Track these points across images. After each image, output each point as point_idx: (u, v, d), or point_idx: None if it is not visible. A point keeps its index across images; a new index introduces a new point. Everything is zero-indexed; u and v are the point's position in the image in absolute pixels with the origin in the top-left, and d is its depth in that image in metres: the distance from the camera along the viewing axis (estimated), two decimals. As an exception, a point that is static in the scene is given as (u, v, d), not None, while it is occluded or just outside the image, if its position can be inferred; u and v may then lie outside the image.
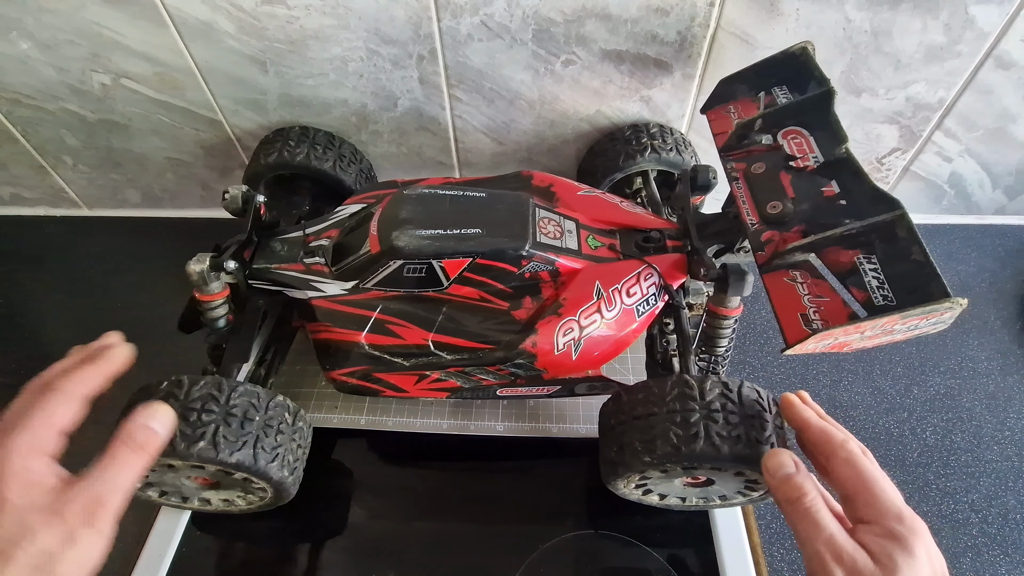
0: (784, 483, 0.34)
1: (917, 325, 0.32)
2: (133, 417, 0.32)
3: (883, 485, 0.32)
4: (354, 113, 0.62)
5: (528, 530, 0.47)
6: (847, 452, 0.33)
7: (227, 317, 0.47)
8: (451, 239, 0.43)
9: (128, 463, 0.31)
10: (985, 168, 0.65)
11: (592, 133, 0.63)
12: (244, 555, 0.48)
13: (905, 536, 0.30)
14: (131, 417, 0.32)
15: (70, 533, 0.28)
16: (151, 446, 0.32)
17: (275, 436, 0.39)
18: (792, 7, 0.51)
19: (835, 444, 0.34)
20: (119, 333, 0.36)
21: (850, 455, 0.33)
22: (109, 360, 0.34)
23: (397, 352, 0.44)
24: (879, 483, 0.32)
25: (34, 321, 0.66)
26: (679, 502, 0.46)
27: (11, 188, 0.75)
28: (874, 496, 0.32)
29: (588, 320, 0.43)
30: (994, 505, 0.50)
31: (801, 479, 0.33)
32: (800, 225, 0.37)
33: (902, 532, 0.30)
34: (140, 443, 0.32)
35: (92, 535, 0.29)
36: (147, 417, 0.32)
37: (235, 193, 0.48)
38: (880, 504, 0.31)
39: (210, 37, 0.55)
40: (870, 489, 0.32)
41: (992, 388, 0.57)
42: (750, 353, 0.60)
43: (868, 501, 0.32)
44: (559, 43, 0.54)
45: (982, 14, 0.51)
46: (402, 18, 0.53)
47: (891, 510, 0.31)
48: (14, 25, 0.55)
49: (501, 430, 0.52)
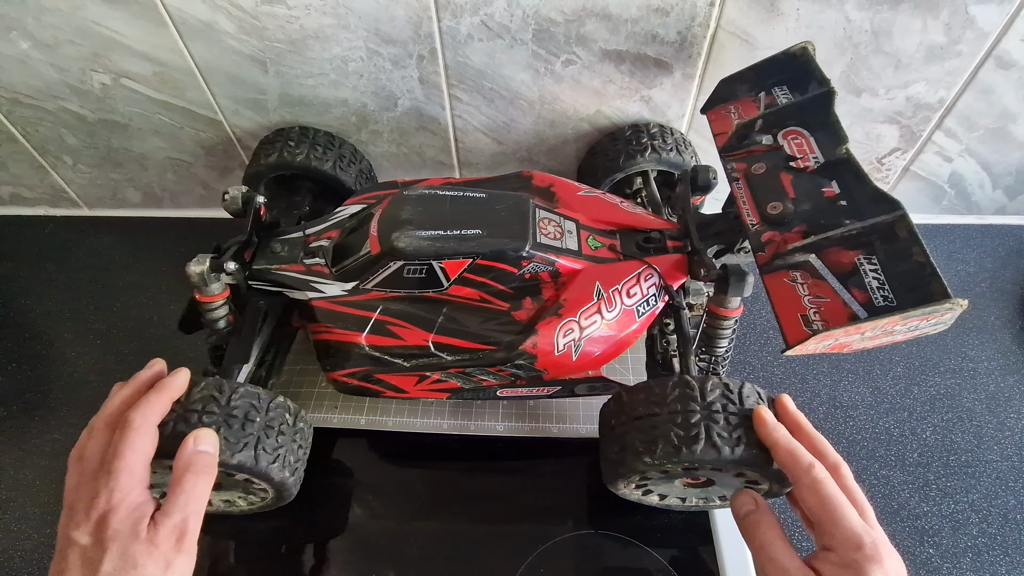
0: (744, 519, 0.37)
1: (917, 326, 0.32)
2: (186, 445, 0.35)
3: (844, 512, 0.32)
4: (354, 113, 0.62)
5: (528, 530, 0.47)
6: (811, 479, 0.33)
7: (227, 318, 0.47)
8: (451, 240, 0.43)
9: (197, 488, 0.34)
10: (985, 168, 0.65)
11: (592, 133, 0.63)
12: (244, 555, 0.48)
13: (861, 564, 0.31)
14: (183, 447, 0.35)
15: (166, 559, 0.32)
16: (210, 467, 0.35)
17: (276, 437, 0.39)
18: (792, 7, 0.51)
19: (800, 470, 0.34)
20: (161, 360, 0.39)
21: (814, 481, 0.33)
22: (172, 388, 0.37)
23: (397, 353, 0.44)
24: (840, 510, 0.32)
25: (34, 321, 0.66)
26: (679, 502, 0.46)
27: (11, 188, 0.74)
28: (833, 524, 0.32)
29: (588, 321, 0.43)
30: (994, 505, 0.50)
31: (758, 516, 0.36)
32: (800, 226, 0.37)
33: (858, 560, 0.31)
34: (201, 468, 0.35)
35: (183, 558, 0.33)
36: (198, 443, 0.35)
37: (235, 194, 0.48)
38: (839, 532, 0.32)
39: (210, 37, 0.55)
40: (831, 517, 0.32)
41: (992, 388, 0.57)
42: (750, 353, 0.60)
43: (828, 529, 0.32)
44: (559, 43, 0.54)
45: (982, 14, 0.51)
46: (402, 18, 0.53)
47: (850, 539, 0.31)
48: (14, 25, 0.55)
49: (501, 430, 0.52)
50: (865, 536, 0.31)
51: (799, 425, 0.37)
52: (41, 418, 0.57)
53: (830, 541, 0.32)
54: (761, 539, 0.35)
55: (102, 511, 0.32)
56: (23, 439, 0.56)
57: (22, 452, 0.55)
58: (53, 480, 0.53)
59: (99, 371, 0.60)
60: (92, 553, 0.31)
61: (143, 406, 0.35)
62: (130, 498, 0.32)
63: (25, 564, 0.48)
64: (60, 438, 0.56)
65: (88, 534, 0.31)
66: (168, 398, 0.36)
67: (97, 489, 0.32)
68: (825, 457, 0.35)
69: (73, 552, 0.31)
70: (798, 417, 0.38)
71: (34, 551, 0.49)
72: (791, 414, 0.38)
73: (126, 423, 0.34)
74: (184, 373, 0.38)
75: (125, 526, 0.31)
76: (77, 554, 0.31)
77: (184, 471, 0.34)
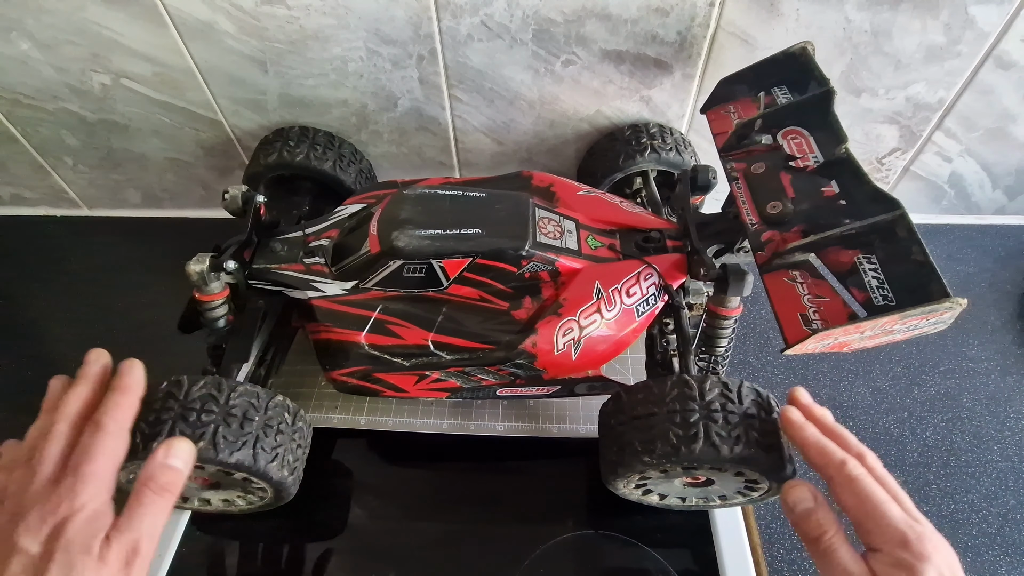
0: (804, 520, 0.34)
1: (917, 325, 0.32)
2: (153, 458, 0.33)
3: (884, 509, 0.31)
4: (354, 113, 0.62)
5: (528, 530, 0.47)
6: (844, 476, 0.32)
7: (227, 317, 0.47)
8: (451, 239, 0.43)
9: (155, 507, 0.32)
10: (985, 168, 0.65)
11: (592, 133, 0.63)
12: (244, 555, 0.48)
13: (912, 563, 0.29)
14: (152, 458, 0.33)
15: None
16: (174, 485, 0.33)
17: (275, 436, 0.39)
18: (792, 7, 0.51)
19: (833, 468, 0.33)
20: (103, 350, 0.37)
21: (848, 479, 0.32)
22: (136, 387, 0.35)
23: (397, 352, 0.44)
24: (880, 507, 0.31)
25: (34, 321, 0.66)
26: (679, 502, 0.46)
27: (11, 188, 0.75)
28: (876, 522, 0.31)
29: (588, 320, 0.43)
30: (994, 505, 0.50)
31: (821, 516, 0.33)
32: (800, 225, 0.37)
33: (908, 560, 0.30)
34: (163, 485, 0.32)
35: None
36: (166, 456, 0.33)
37: (235, 193, 0.48)
38: (882, 531, 0.31)
39: (210, 37, 0.55)
40: (872, 515, 0.31)
41: (992, 388, 0.57)
42: (750, 353, 0.60)
43: (871, 528, 0.31)
44: (559, 43, 0.54)
45: (982, 14, 0.51)
46: (402, 18, 0.53)
47: (894, 536, 0.30)
48: (14, 25, 0.55)
49: (501, 430, 0.52)
50: (909, 532, 0.30)
51: (816, 418, 0.36)
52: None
53: (875, 540, 0.31)
54: (827, 544, 0.32)
55: (60, 517, 0.30)
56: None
57: (22, 452, 0.55)
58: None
59: (99, 371, 0.60)
60: (39, 563, 0.29)
61: (114, 409, 0.33)
62: (91, 505, 0.30)
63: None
64: (60, 438, 0.56)
65: (40, 542, 0.29)
66: (135, 398, 0.35)
67: (59, 494, 0.30)
68: (849, 448, 0.34)
69: (17, 561, 0.29)
70: (814, 410, 0.37)
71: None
72: (806, 407, 0.37)
73: (98, 426, 0.32)
74: (139, 367, 0.36)
75: (79, 537, 0.29)
76: (22, 563, 0.29)
77: (143, 485, 0.32)
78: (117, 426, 0.33)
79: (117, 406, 0.34)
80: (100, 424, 0.32)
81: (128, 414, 0.34)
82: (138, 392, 0.35)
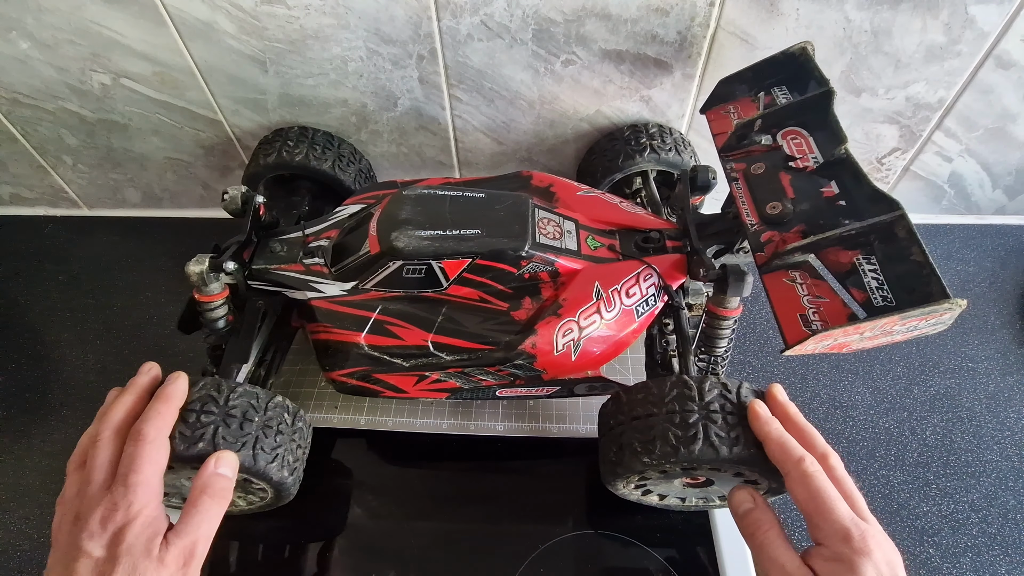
0: (743, 518, 0.36)
1: (917, 326, 0.32)
2: (206, 468, 0.35)
3: (832, 505, 0.32)
4: (354, 113, 0.62)
5: (528, 530, 0.47)
6: (799, 472, 0.33)
7: (227, 318, 0.47)
8: (450, 240, 0.43)
9: (211, 512, 0.34)
10: (985, 168, 0.65)
11: (592, 133, 0.63)
12: (244, 555, 0.48)
13: (850, 558, 0.30)
14: (204, 468, 0.35)
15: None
16: (227, 491, 0.35)
17: (274, 437, 0.39)
18: (792, 7, 0.51)
19: (790, 463, 0.34)
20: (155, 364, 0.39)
21: (803, 475, 0.33)
22: (177, 396, 0.37)
23: (397, 353, 0.44)
24: (828, 503, 0.32)
25: (34, 321, 0.66)
26: (679, 502, 0.46)
27: (11, 188, 0.75)
28: (822, 517, 0.32)
29: (587, 321, 0.43)
30: (994, 505, 0.50)
31: (757, 514, 0.36)
32: (800, 225, 0.37)
33: (847, 554, 0.31)
34: (217, 491, 0.35)
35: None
36: (218, 465, 0.36)
37: (234, 193, 0.48)
38: (827, 525, 0.32)
39: (210, 37, 0.55)
40: (820, 511, 0.32)
41: (992, 388, 0.57)
42: (750, 353, 0.60)
43: (817, 523, 0.32)
44: (559, 43, 0.54)
45: (982, 14, 0.51)
46: (402, 18, 0.53)
47: (838, 532, 0.31)
48: (14, 25, 0.55)
49: (501, 430, 0.52)
50: (853, 528, 0.31)
51: (787, 416, 0.37)
52: (41, 418, 0.57)
53: (819, 535, 0.32)
54: (761, 538, 0.34)
55: (120, 524, 0.31)
56: (23, 439, 0.56)
57: (22, 452, 0.55)
58: (53, 480, 0.53)
59: (99, 371, 0.61)
60: (104, 567, 0.31)
61: (155, 418, 0.35)
62: (146, 511, 0.32)
63: (25, 564, 0.48)
64: (60, 438, 0.56)
65: (103, 547, 0.31)
66: (175, 407, 0.36)
67: (115, 501, 0.32)
68: (814, 448, 0.35)
69: (84, 563, 0.31)
70: (787, 408, 0.37)
71: (34, 551, 0.49)
72: (780, 404, 0.37)
73: (139, 435, 0.34)
74: (183, 378, 0.38)
75: (140, 541, 0.31)
76: (89, 566, 0.31)
77: (201, 492, 0.34)
78: (157, 433, 0.34)
79: (158, 415, 0.35)
80: (141, 433, 0.34)
81: (167, 422, 0.35)
82: (179, 401, 0.37)
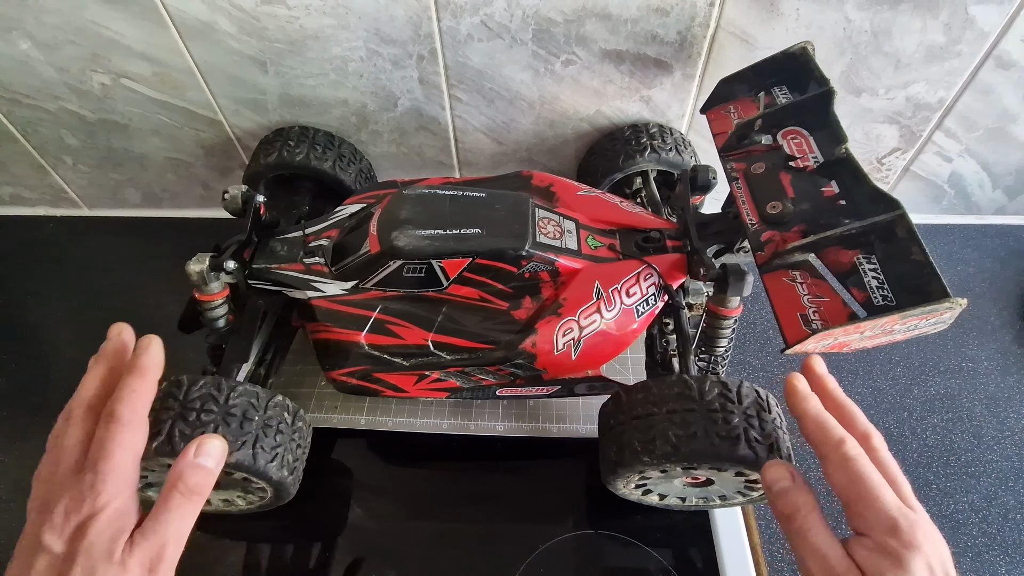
0: (780, 498, 0.32)
1: (917, 325, 0.32)
2: (184, 456, 0.32)
3: (877, 492, 0.30)
4: (354, 113, 0.62)
5: (528, 530, 0.47)
6: (840, 455, 0.31)
7: (227, 317, 0.47)
8: (451, 239, 0.43)
9: (183, 511, 0.31)
10: (985, 168, 0.65)
11: (592, 133, 0.63)
12: (244, 555, 0.48)
13: (898, 552, 0.28)
14: (182, 456, 0.32)
15: None
16: (204, 487, 0.32)
17: (274, 436, 0.39)
18: (792, 7, 0.51)
19: (829, 445, 0.31)
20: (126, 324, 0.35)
21: (843, 459, 0.31)
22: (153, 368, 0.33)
23: (397, 352, 0.44)
24: (872, 490, 0.30)
25: (33, 321, 0.66)
26: (679, 502, 0.46)
27: (11, 188, 0.74)
28: (866, 506, 0.29)
29: (588, 320, 0.43)
30: (994, 505, 0.50)
31: (796, 495, 0.32)
32: (800, 225, 0.37)
33: (895, 547, 0.28)
34: (192, 487, 0.31)
35: None
36: (199, 453, 0.32)
37: (235, 193, 0.48)
38: (872, 515, 0.29)
39: (210, 37, 0.55)
40: (863, 498, 0.30)
41: (992, 388, 0.57)
42: (750, 353, 0.60)
43: (860, 512, 0.30)
44: (559, 43, 0.54)
45: (982, 14, 0.51)
46: (402, 18, 0.53)
47: (883, 522, 0.29)
48: (14, 25, 0.55)
49: (501, 430, 0.52)
50: (901, 519, 0.28)
51: (825, 391, 0.34)
52: (41, 418, 0.57)
53: (862, 524, 0.29)
54: (800, 523, 0.31)
55: (84, 516, 0.29)
56: (23, 439, 0.56)
57: (22, 452, 0.55)
58: (53, 480, 0.53)
59: (99, 371, 0.60)
60: (62, 566, 0.28)
61: (128, 396, 0.31)
62: (114, 504, 0.29)
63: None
64: (60, 438, 0.56)
65: (64, 542, 0.29)
66: (152, 380, 0.33)
67: (81, 490, 0.29)
68: (854, 427, 0.32)
69: (42, 559, 0.29)
70: (825, 382, 0.35)
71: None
72: (818, 377, 0.35)
73: (112, 416, 0.30)
74: (156, 344, 0.34)
75: (102, 540, 0.29)
76: (46, 562, 0.28)
77: (173, 487, 0.31)
78: (133, 415, 0.31)
79: (132, 392, 0.32)
80: (114, 414, 0.31)
81: (144, 400, 0.32)
82: (155, 373, 0.33)
